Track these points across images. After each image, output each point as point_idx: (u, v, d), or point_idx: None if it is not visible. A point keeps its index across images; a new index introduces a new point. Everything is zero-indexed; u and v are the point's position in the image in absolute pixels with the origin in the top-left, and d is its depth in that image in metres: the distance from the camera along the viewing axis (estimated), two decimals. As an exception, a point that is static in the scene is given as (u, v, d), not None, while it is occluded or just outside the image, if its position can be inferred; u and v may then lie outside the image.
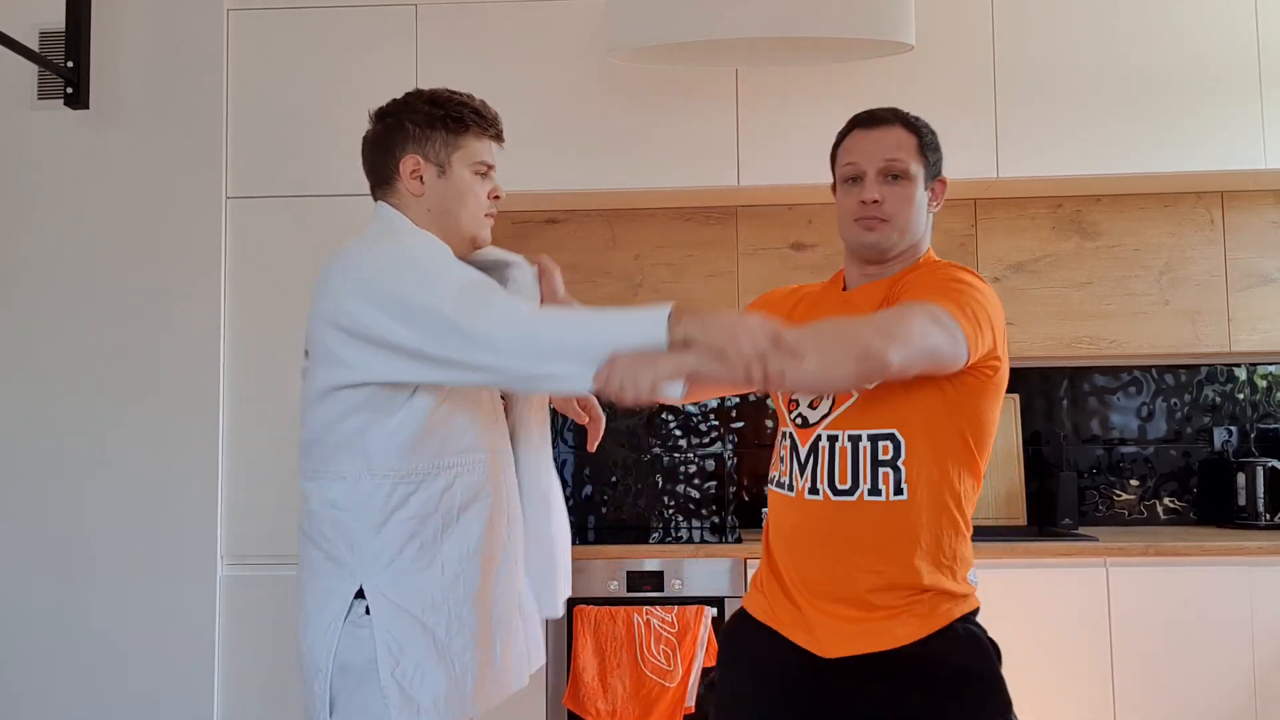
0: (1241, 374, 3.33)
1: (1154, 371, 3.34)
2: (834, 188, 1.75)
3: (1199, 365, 3.33)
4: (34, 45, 2.92)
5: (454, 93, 1.83)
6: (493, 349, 1.48)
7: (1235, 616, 2.69)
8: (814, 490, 1.60)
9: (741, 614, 1.73)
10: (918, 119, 1.74)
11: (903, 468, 1.57)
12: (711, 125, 2.96)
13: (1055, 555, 2.72)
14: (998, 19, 2.97)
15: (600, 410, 1.83)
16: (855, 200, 1.67)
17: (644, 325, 1.47)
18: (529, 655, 1.74)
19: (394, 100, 1.83)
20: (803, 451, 1.63)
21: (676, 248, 3.20)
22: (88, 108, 2.90)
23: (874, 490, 1.57)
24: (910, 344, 1.44)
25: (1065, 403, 3.35)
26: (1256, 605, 2.69)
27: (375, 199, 1.80)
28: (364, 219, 2.90)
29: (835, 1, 2.66)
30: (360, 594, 1.56)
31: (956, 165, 2.92)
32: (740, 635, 1.72)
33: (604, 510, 3.38)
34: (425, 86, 2.92)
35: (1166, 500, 3.31)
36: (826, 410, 1.62)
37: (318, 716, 1.58)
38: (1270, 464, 3.11)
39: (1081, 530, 3.07)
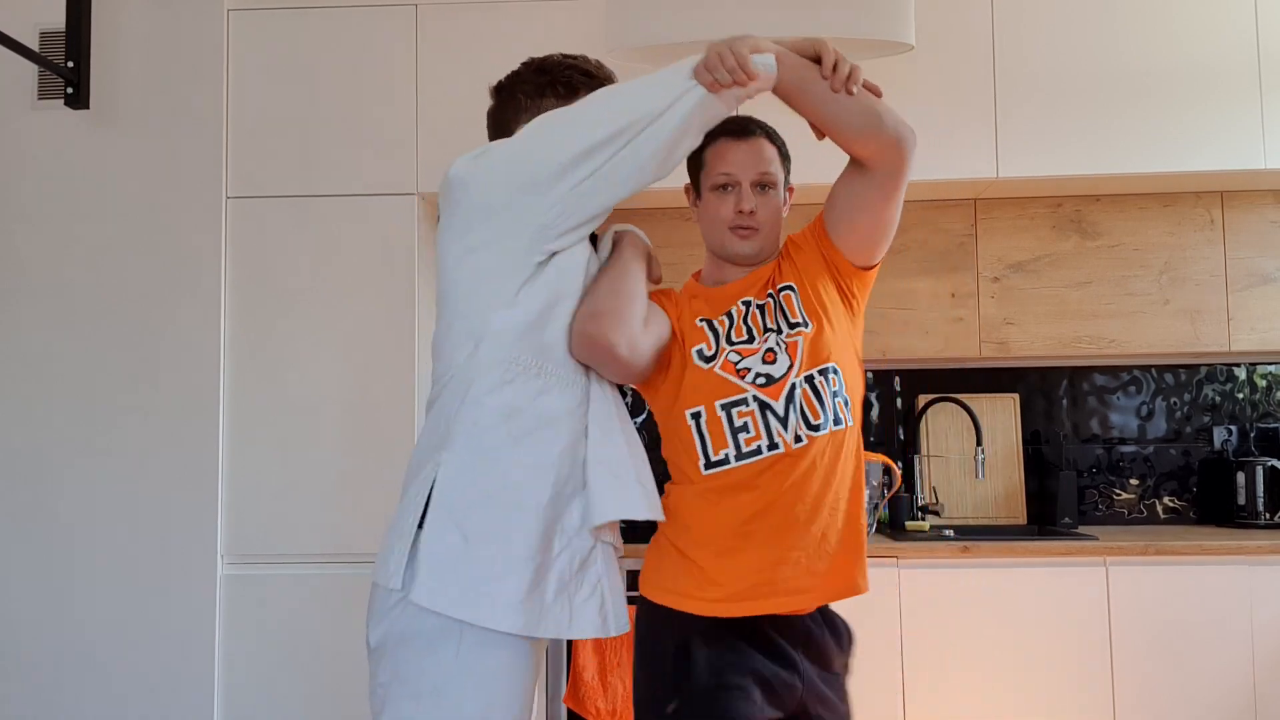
0: (1241, 373, 3.33)
1: (1154, 371, 3.34)
2: (691, 193, 1.86)
3: (1199, 365, 3.33)
4: (34, 45, 2.93)
5: (566, 56, 1.83)
6: (617, 107, 1.62)
7: (1235, 616, 2.69)
8: (800, 439, 1.67)
9: (702, 631, 1.68)
10: (774, 130, 1.85)
11: (848, 396, 1.72)
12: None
13: (1055, 555, 2.73)
14: (998, 19, 2.97)
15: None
16: (731, 208, 1.78)
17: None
18: (607, 603, 1.70)
19: (508, 74, 1.84)
20: (779, 406, 1.68)
21: (677, 248, 3.20)
22: (88, 108, 2.90)
23: (837, 420, 1.69)
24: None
25: (1065, 402, 3.35)
26: (1256, 605, 2.70)
27: None
28: (364, 219, 2.92)
29: (835, 1, 2.66)
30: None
31: (956, 165, 2.95)
32: (688, 651, 1.68)
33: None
34: (425, 87, 2.97)
35: (1166, 500, 3.31)
36: (789, 362, 1.70)
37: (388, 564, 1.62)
38: (1270, 463, 3.11)
39: (1081, 530, 3.08)
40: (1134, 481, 3.32)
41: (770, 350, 1.71)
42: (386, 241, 2.88)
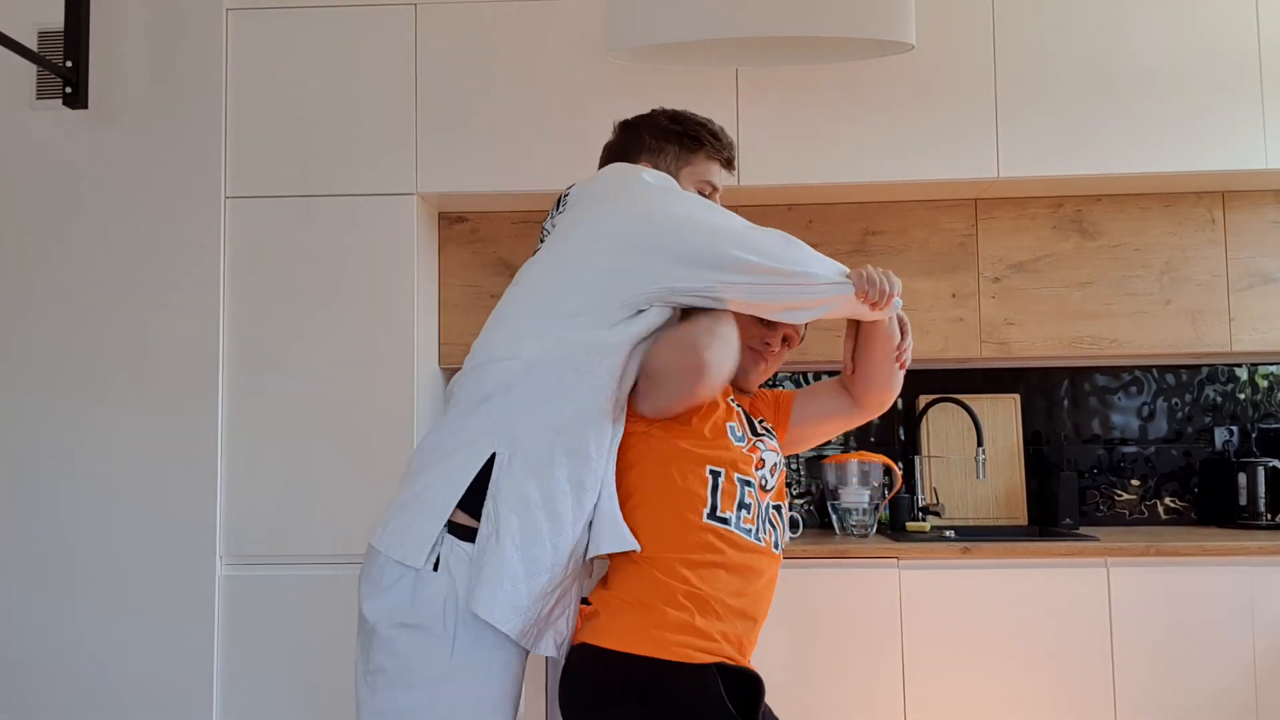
0: (1242, 374, 3.33)
1: (1155, 371, 3.34)
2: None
3: (1200, 365, 3.32)
4: (33, 45, 2.92)
5: (695, 115, 1.94)
6: (798, 257, 1.75)
7: (1236, 616, 2.69)
8: (778, 545, 1.84)
9: (714, 680, 1.70)
10: None
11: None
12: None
13: (1056, 555, 2.72)
14: (998, 19, 2.96)
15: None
16: (761, 338, 1.96)
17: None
18: (561, 632, 1.75)
19: (639, 114, 1.95)
20: (762, 509, 1.81)
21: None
22: (87, 107, 2.90)
23: (777, 546, 1.85)
24: None
25: (1066, 402, 3.34)
26: (1257, 605, 2.69)
27: None
28: (364, 219, 2.92)
29: (835, 1, 2.66)
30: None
31: (956, 165, 2.95)
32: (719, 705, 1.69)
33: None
34: (425, 86, 2.96)
35: (1167, 500, 3.31)
36: (775, 484, 1.86)
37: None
38: (1271, 464, 3.11)
39: (1082, 530, 3.07)
40: (1135, 482, 3.32)
41: (776, 464, 1.88)
42: (386, 241, 2.88)
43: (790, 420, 2.02)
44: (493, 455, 1.65)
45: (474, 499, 1.65)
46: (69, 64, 2.86)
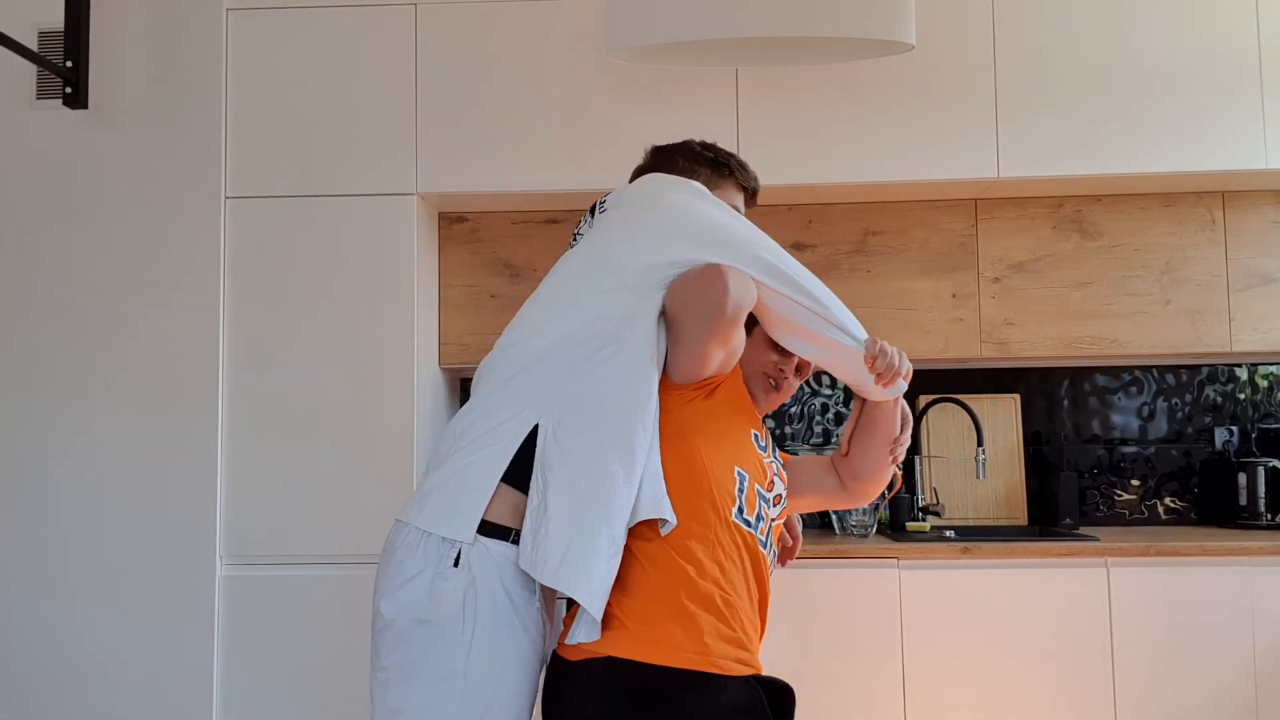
0: (1242, 374, 3.33)
1: (1155, 371, 3.34)
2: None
3: (1200, 365, 3.32)
4: (33, 45, 2.92)
5: (726, 149, 2.03)
6: (820, 289, 1.78)
7: (1236, 616, 2.69)
8: (773, 566, 1.83)
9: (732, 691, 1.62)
10: None
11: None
12: (711, 125, 2.96)
13: (1056, 555, 2.72)
14: (998, 19, 2.96)
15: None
16: (775, 365, 1.94)
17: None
18: (547, 640, 1.76)
19: (673, 142, 2.02)
20: (769, 529, 1.80)
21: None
22: (86, 107, 2.90)
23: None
24: None
25: (1066, 402, 3.34)
26: (1257, 605, 2.69)
27: None
28: (364, 219, 2.92)
29: (835, 1, 2.66)
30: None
31: (956, 165, 2.94)
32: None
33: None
34: (425, 86, 2.97)
35: (1167, 500, 3.31)
36: (774, 512, 1.83)
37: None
38: (1271, 464, 3.11)
39: (1082, 530, 3.07)
40: (1135, 482, 3.32)
41: (780, 495, 1.86)
42: (386, 241, 2.88)
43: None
44: (535, 426, 1.65)
45: (518, 473, 1.65)
46: (69, 64, 2.86)
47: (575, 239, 1.92)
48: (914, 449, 3.30)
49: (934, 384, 3.33)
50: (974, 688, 2.68)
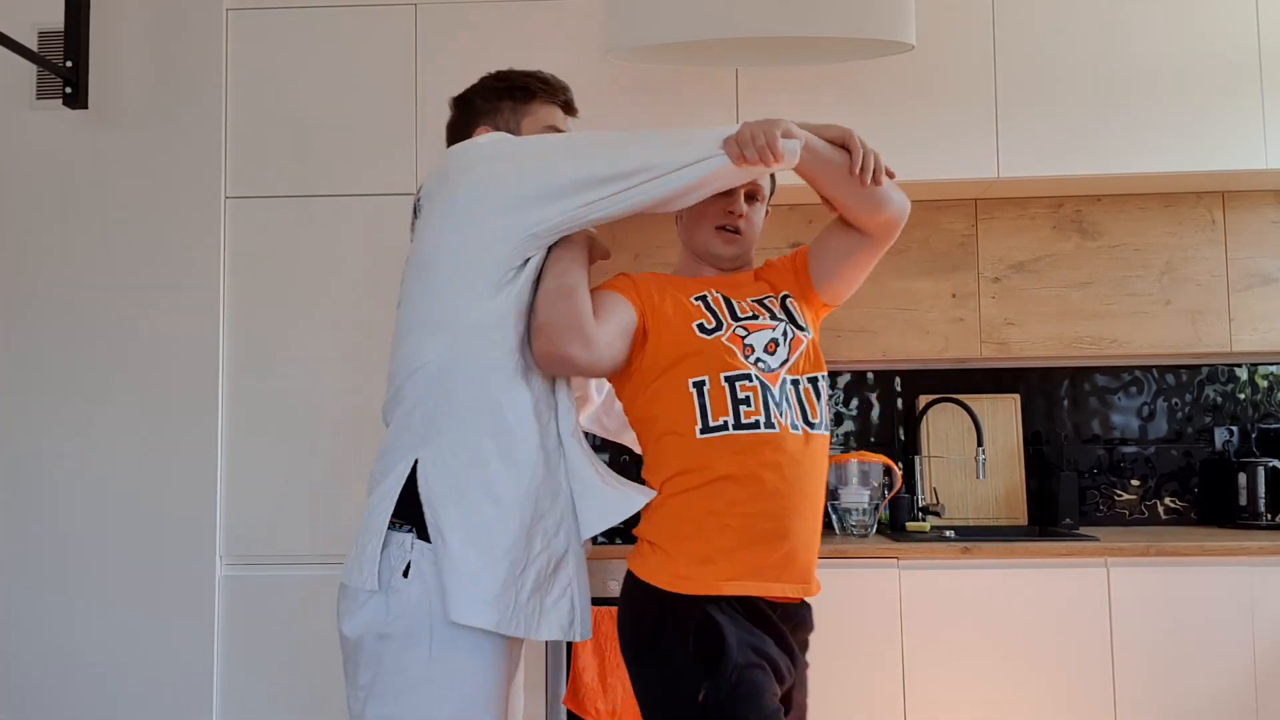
0: (1242, 374, 3.33)
1: (1155, 371, 3.34)
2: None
3: (1200, 365, 3.32)
4: (33, 45, 2.92)
5: (521, 69, 1.92)
6: (640, 152, 1.68)
7: (1236, 617, 2.69)
8: (795, 426, 1.73)
9: (705, 613, 1.67)
10: None
11: (827, 407, 1.81)
12: (711, 125, 2.96)
13: (1056, 555, 2.72)
14: (998, 19, 2.96)
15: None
16: (722, 210, 1.84)
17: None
18: (575, 610, 1.75)
19: (466, 88, 1.93)
20: (775, 392, 1.74)
21: (676, 248, 3.19)
22: (86, 107, 2.90)
23: (824, 425, 1.78)
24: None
25: (1066, 402, 3.34)
26: (1258, 605, 2.69)
27: None
28: (364, 219, 2.92)
29: (835, 1, 2.66)
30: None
31: (956, 165, 2.94)
32: (719, 629, 1.67)
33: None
34: (425, 86, 2.97)
35: (1167, 500, 3.31)
36: (784, 357, 1.77)
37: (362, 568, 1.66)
38: (1271, 464, 3.11)
39: (1082, 530, 3.07)
40: (1135, 482, 3.32)
41: (774, 340, 1.77)
42: (386, 241, 2.88)
43: (812, 278, 1.92)
44: (415, 462, 1.67)
45: (414, 509, 1.66)
46: (69, 64, 2.86)
47: (415, 224, 1.85)
48: (914, 449, 3.30)
49: (934, 384, 3.33)
50: (974, 688, 2.68)
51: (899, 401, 3.34)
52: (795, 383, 1.77)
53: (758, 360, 1.75)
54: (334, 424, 2.84)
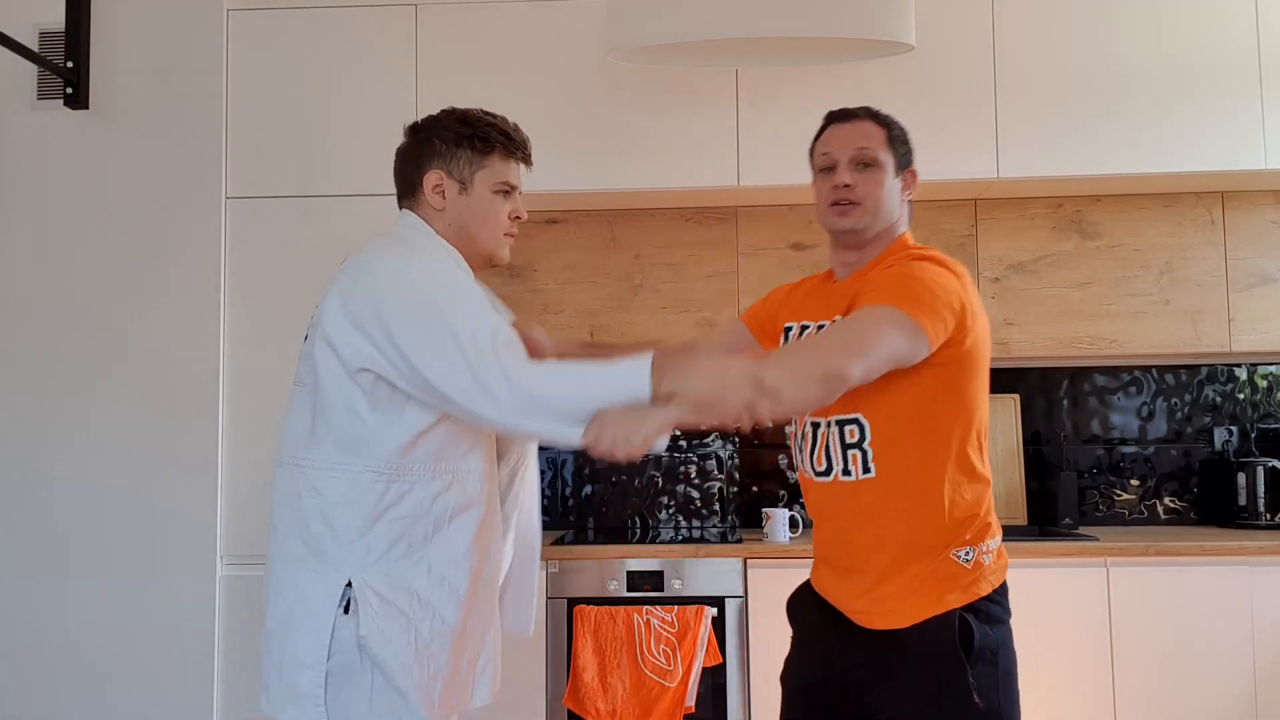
0: (1242, 374, 3.33)
1: (1154, 371, 3.34)
2: (814, 183, 1.85)
3: (1199, 365, 3.33)
4: (33, 45, 2.92)
5: (486, 114, 1.84)
6: (493, 401, 1.53)
7: (1236, 616, 2.69)
8: (812, 471, 1.74)
9: (805, 585, 1.83)
10: (888, 115, 1.83)
11: (869, 449, 1.67)
12: (711, 125, 2.96)
13: (1055, 555, 2.72)
14: (998, 19, 2.97)
15: None
16: (829, 186, 1.77)
17: (628, 380, 1.54)
18: (494, 671, 1.75)
19: (428, 116, 1.86)
20: (799, 436, 1.76)
21: (676, 248, 3.20)
22: (87, 108, 2.90)
23: (845, 471, 1.69)
24: (869, 354, 1.54)
25: (1065, 403, 3.34)
26: (1257, 605, 2.69)
27: (400, 208, 1.87)
28: (364, 219, 2.92)
29: (835, 1, 2.66)
30: (348, 587, 1.58)
31: (956, 165, 2.94)
32: (797, 604, 1.83)
33: (604, 510, 3.37)
34: (425, 87, 2.97)
35: (1167, 500, 3.31)
36: None
37: (305, 706, 1.57)
38: (1270, 464, 3.11)
39: (1082, 530, 3.07)
40: (1135, 482, 3.32)
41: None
42: (386, 242, 2.88)
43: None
44: (347, 583, 1.59)
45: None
46: (69, 64, 2.86)
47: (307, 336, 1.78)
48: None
49: (934, 384, 3.33)
50: (974, 687, 2.68)
51: (899, 401, 3.34)
52: (815, 425, 1.73)
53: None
54: (334, 424, 2.84)
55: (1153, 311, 3.12)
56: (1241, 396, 3.32)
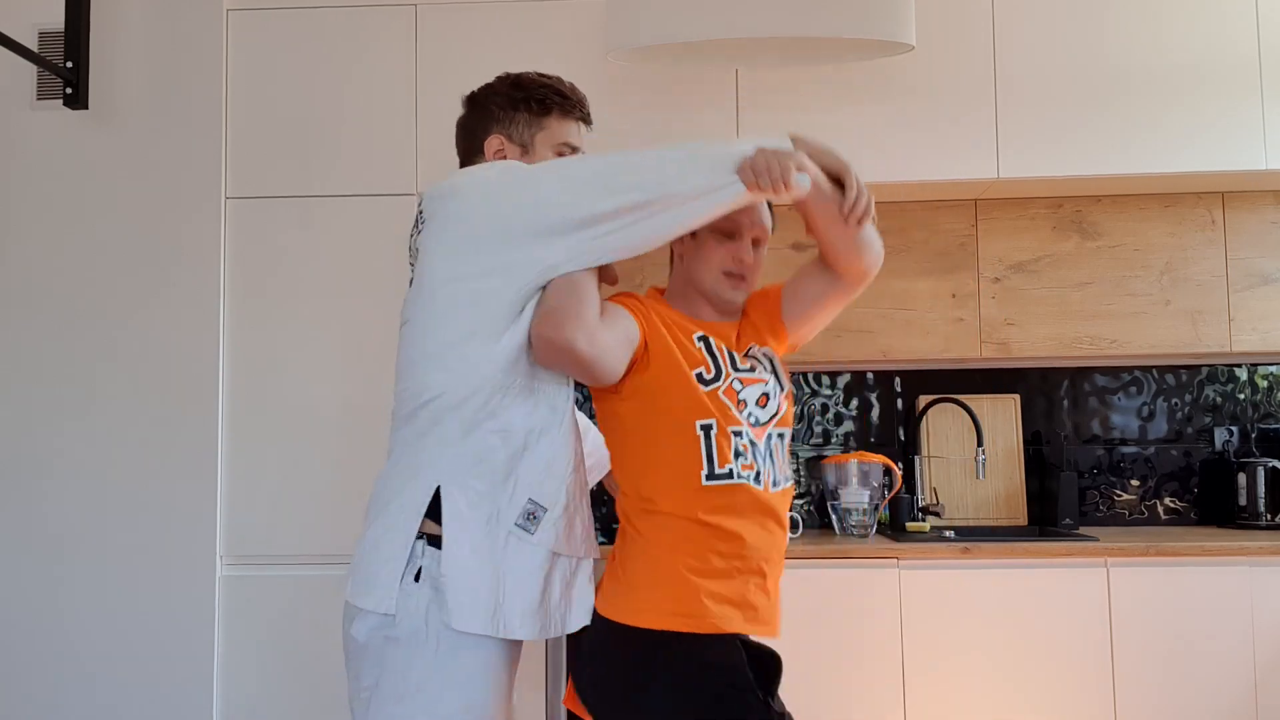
0: (1242, 374, 3.33)
1: (1154, 371, 3.34)
2: (702, 239, 1.87)
3: (1199, 365, 3.33)
4: (33, 45, 2.92)
5: (541, 75, 1.86)
6: (656, 179, 1.64)
7: (1236, 617, 2.69)
8: (775, 483, 1.78)
9: (738, 652, 1.71)
10: None
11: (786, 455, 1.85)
12: (711, 125, 2.96)
13: (1055, 555, 2.72)
14: (998, 19, 2.97)
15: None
16: (731, 256, 1.84)
17: (771, 139, 1.69)
18: (584, 600, 1.75)
19: (482, 85, 1.88)
20: (761, 447, 1.77)
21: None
22: (87, 108, 2.90)
23: (787, 478, 1.83)
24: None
25: (1065, 403, 3.34)
26: (1257, 605, 2.69)
27: None
28: (364, 219, 2.92)
29: (835, 1, 2.66)
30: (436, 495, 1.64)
31: (956, 165, 2.95)
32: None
33: (604, 510, 3.38)
34: (425, 86, 2.97)
35: (1167, 500, 3.31)
36: (775, 411, 1.81)
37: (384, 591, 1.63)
38: (1271, 464, 3.11)
39: (1082, 530, 3.07)
40: (1135, 482, 3.32)
41: (766, 394, 1.81)
42: (386, 242, 2.88)
43: (783, 318, 1.92)
44: (437, 490, 1.64)
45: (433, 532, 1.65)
46: (69, 64, 2.86)
47: (411, 254, 1.82)
48: (914, 449, 3.30)
49: (934, 384, 3.33)
50: (974, 688, 2.68)
51: (899, 402, 3.34)
52: (781, 436, 1.83)
53: (750, 416, 1.78)
54: (334, 424, 2.84)
55: (1153, 311, 3.11)
56: (1242, 397, 3.32)
